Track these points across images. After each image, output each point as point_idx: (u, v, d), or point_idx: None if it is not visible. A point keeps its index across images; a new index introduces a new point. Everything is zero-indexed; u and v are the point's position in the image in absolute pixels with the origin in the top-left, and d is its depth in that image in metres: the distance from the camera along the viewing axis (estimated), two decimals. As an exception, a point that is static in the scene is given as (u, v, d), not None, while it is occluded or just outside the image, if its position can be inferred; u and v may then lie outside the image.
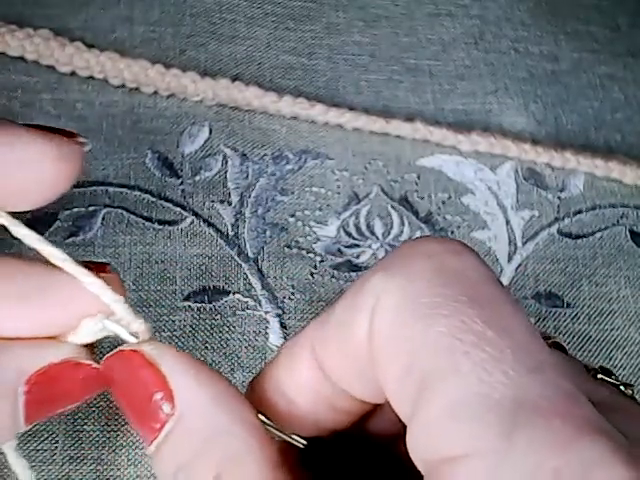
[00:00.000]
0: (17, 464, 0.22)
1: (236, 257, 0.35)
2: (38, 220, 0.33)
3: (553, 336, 0.25)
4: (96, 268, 0.21)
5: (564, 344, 0.25)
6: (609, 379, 0.22)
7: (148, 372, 0.19)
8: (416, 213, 0.38)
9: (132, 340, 0.21)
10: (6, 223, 0.21)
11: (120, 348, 0.20)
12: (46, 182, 0.20)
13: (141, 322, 0.21)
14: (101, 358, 0.21)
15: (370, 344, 0.18)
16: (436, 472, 0.16)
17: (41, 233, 0.33)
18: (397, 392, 0.18)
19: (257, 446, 0.19)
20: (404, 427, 0.19)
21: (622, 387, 0.22)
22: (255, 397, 0.21)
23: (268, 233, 0.36)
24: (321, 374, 0.20)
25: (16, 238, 0.21)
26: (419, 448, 0.17)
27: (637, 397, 0.22)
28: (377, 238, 0.37)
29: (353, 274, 0.35)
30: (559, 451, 0.15)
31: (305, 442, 0.21)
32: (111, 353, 0.20)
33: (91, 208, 0.34)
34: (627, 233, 0.40)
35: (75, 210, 0.34)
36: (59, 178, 0.20)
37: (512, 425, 0.15)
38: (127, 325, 0.21)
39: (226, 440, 0.19)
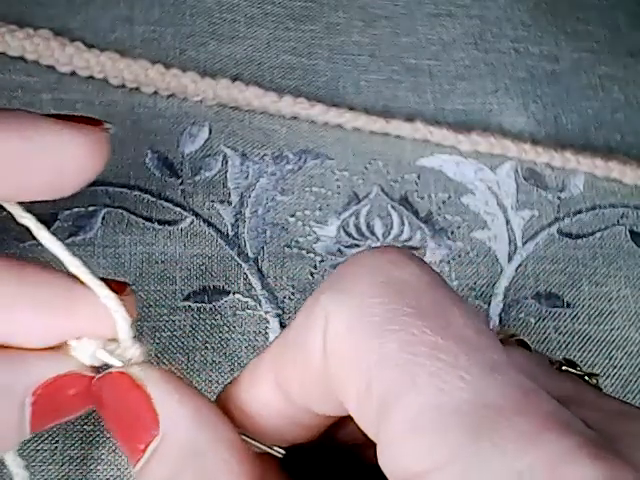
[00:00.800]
0: (14, 464, 0.22)
1: (236, 257, 0.35)
2: (38, 220, 0.33)
3: (516, 333, 0.25)
4: (116, 286, 0.21)
5: (528, 341, 0.25)
6: (574, 370, 0.22)
7: (135, 394, 0.20)
8: (416, 213, 0.38)
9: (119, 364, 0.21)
10: (31, 226, 0.21)
11: (109, 370, 0.21)
12: (71, 170, 0.20)
13: (138, 347, 0.21)
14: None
15: (326, 364, 0.18)
16: None
17: (41, 233, 0.33)
18: (359, 412, 0.17)
19: (236, 463, 0.19)
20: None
21: (587, 377, 0.22)
22: (223, 410, 0.21)
23: (268, 233, 0.36)
24: (282, 394, 0.20)
25: (18, 239, 0.21)
26: (388, 466, 0.16)
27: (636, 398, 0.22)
28: (377, 238, 0.37)
29: (353, 274, 0.35)
30: (525, 450, 0.14)
31: (284, 452, 0.21)
32: (100, 375, 0.21)
33: (91, 208, 0.34)
34: (627, 233, 0.40)
35: (75, 210, 0.34)
36: (86, 165, 0.20)
37: (475, 430, 0.15)
38: (124, 350, 0.21)
39: (205, 459, 0.19)
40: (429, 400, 0.15)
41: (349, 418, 0.19)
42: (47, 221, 0.33)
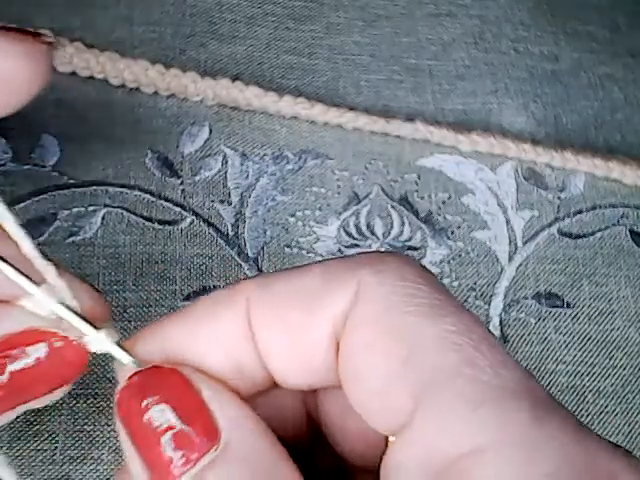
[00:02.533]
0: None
1: (236, 257, 0.35)
2: (38, 220, 0.33)
3: None
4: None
5: None
6: None
7: (189, 395, 0.17)
8: (416, 213, 0.38)
9: (90, 330, 0.19)
10: None
11: (156, 364, 0.18)
12: (13, 83, 0.19)
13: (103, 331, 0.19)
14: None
15: (346, 330, 0.17)
16: (461, 466, 0.15)
17: (41, 233, 0.33)
18: (388, 387, 0.17)
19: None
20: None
21: None
22: (144, 346, 0.19)
23: (268, 233, 0.36)
24: (245, 339, 0.18)
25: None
26: (427, 446, 0.16)
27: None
28: (377, 238, 0.37)
29: (353, 274, 0.35)
30: (578, 440, 0.15)
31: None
32: (145, 366, 0.18)
33: (91, 208, 0.34)
34: (627, 233, 0.40)
35: (75, 210, 0.34)
36: (28, 76, 0.19)
37: (538, 413, 0.15)
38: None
39: (270, 476, 0.17)
40: (491, 381, 0.16)
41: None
42: (47, 221, 0.34)
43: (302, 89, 0.40)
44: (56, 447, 0.29)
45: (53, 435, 0.29)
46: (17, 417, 0.20)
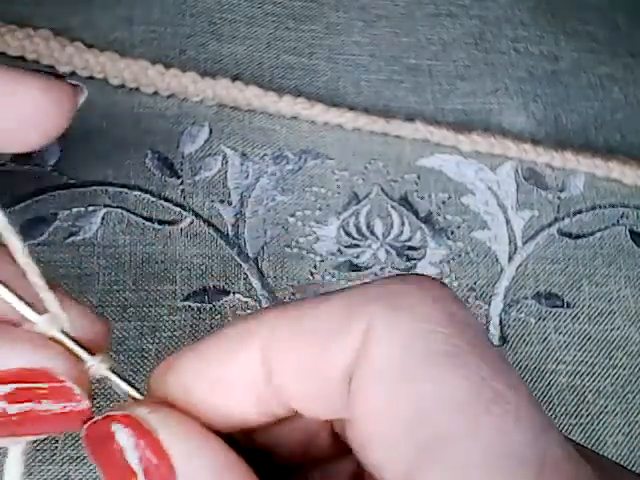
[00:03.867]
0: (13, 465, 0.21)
1: (236, 257, 0.35)
2: (38, 220, 0.33)
3: None
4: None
5: None
6: None
7: (144, 441, 0.17)
8: (416, 213, 0.38)
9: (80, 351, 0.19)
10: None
11: (109, 413, 0.18)
12: (34, 121, 0.19)
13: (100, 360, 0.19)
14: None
15: (354, 378, 0.17)
16: None
17: (41, 233, 0.33)
18: (389, 443, 0.16)
19: None
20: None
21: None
22: (163, 383, 0.19)
23: (268, 233, 0.36)
24: (262, 373, 0.18)
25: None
26: None
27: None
28: (377, 238, 0.37)
29: (353, 274, 0.35)
30: None
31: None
32: (97, 418, 0.18)
33: (91, 208, 0.34)
34: (627, 233, 0.40)
35: (75, 210, 0.34)
36: (49, 117, 0.19)
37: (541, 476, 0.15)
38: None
39: None
40: (495, 447, 0.15)
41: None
42: (47, 221, 0.34)
43: (302, 89, 0.40)
44: (56, 447, 0.29)
45: (53, 435, 0.29)
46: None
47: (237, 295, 0.34)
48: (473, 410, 0.15)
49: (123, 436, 0.17)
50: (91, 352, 0.19)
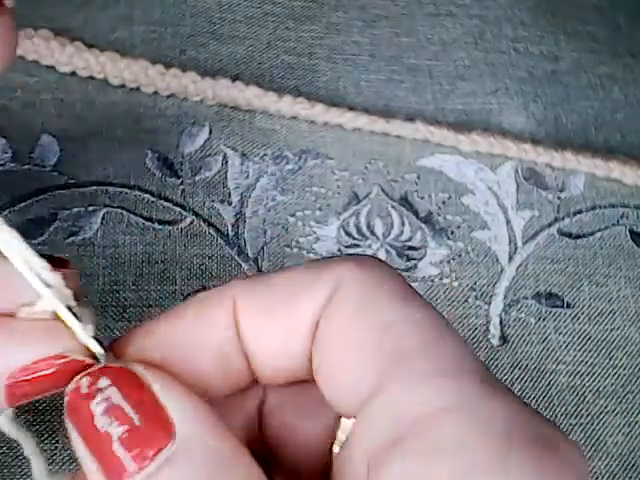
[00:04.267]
0: (16, 434, 0.20)
1: (236, 257, 0.35)
2: (38, 220, 0.33)
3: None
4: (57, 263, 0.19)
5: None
6: None
7: (140, 393, 0.17)
8: (416, 213, 0.38)
9: (78, 327, 0.19)
10: None
11: (106, 364, 0.18)
12: None
13: (90, 327, 0.19)
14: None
15: (320, 321, 0.19)
16: (418, 427, 0.16)
17: (41, 233, 0.33)
18: (356, 366, 0.18)
19: (259, 475, 0.18)
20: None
21: None
22: (131, 348, 0.19)
23: (268, 233, 0.36)
24: (230, 335, 0.19)
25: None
26: (390, 409, 0.17)
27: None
28: (377, 238, 0.37)
29: (353, 274, 0.35)
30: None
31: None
32: (90, 369, 0.18)
33: (91, 208, 0.34)
34: (627, 233, 0.40)
35: (75, 210, 0.34)
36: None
37: (486, 385, 0.17)
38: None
39: (231, 472, 0.17)
40: (448, 358, 0.18)
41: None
42: (47, 221, 0.34)
43: (302, 89, 0.40)
44: (56, 447, 0.29)
45: (53, 435, 0.29)
46: (18, 417, 0.20)
47: (237, 295, 0.34)
48: (429, 333, 0.18)
49: (111, 388, 0.17)
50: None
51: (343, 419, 0.19)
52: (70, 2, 0.39)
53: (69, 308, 0.19)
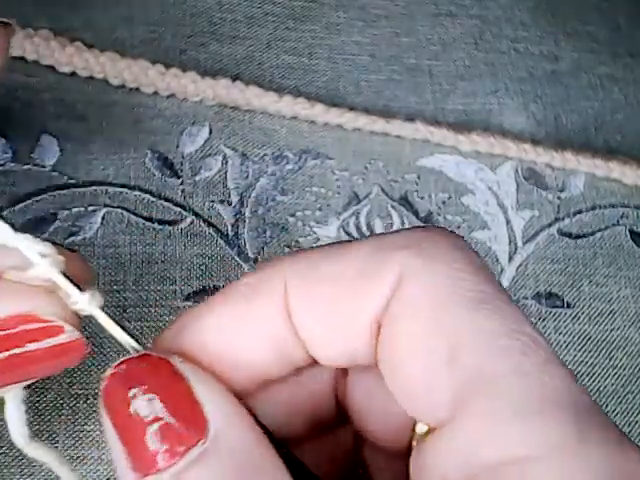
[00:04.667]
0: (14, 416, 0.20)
1: (236, 257, 0.35)
2: (38, 220, 0.33)
3: None
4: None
5: None
6: None
7: (176, 385, 0.17)
8: (416, 213, 0.38)
9: (76, 293, 0.19)
10: None
11: (146, 352, 0.18)
12: None
13: (89, 295, 0.19)
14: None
15: (387, 317, 0.17)
16: (494, 475, 0.15)
17: (41, 233, 0.33)
18: (428, 384, 0.16)
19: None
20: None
21: None
22: (179, 339, 0.19)
23: (268, 233, 0.36)
24: (282, 320, 0.18)
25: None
26: (464, 449, 0.16)
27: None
28: (377, 238, 0.37)
29: (353, 274, 0.35)
30: (623, 452, 0.15)
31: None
32: (134, 355, 0.18)
33: (91, 208, 0.34)
34: (627, 233, 0.40)
35: (75, 210, 0.34)
36: None
37: (581, 425, 0.15)
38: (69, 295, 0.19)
39: (264, 475, 0.17)
40: (535, 389, 0.15)
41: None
42: (47, 221, 0.34)
43: (302, 89, 0.40)
44: (56, 447, 0.29)
45: (53, 435, 0.29)
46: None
47: (237, 295, 0.34)
48: (513, 354, 0.16)
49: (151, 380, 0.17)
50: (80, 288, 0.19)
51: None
52: (70, 2, 0.39)
53: (65, 275, 0.19)
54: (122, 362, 0.18)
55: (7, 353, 0.18)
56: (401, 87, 0.42)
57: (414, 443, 0.18)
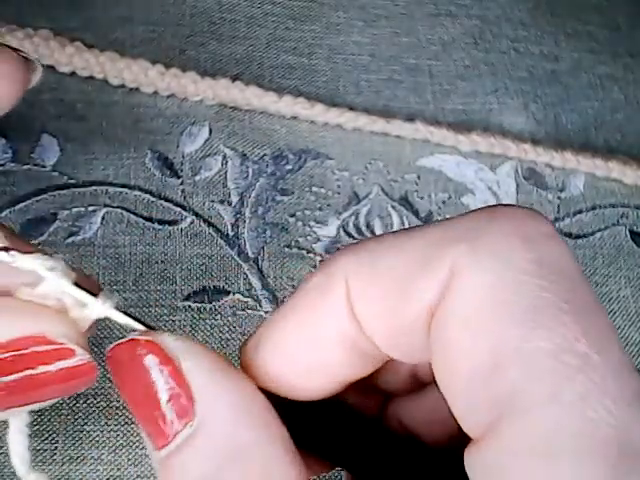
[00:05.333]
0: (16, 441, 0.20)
1: (236, 257, 0.35)
2: (38, 220, 0.33)
3: None
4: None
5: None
6: None
7: (165, 369, 0.17)
8: (416, 213, 0.38)
9: (92, 301, 0.18)
10: None
11: (132, 336, 0.18)
12: None
13: (103, 303, 0.18)
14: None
15: (436, 318, 0.16)
16: None
17: (41, 233, 0.33)
18: (468, 394, 0.16)
19: (288, 465, 0.17)
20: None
21: None
22: (259, 352, 0.19)
23: (268, 233, 0.36)
24: (350, 319, 0.18)
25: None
26: (489, 471, 0.15)
27: None
28: (377, 238, 0.37)
29: (353, 274, 0.35)
30: None
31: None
32: (121, 340, 0.18)
33: (91, 208, 0.34)
34: (627, 233, 0.40)
35: (75, 210, 0.34)
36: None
37: (617, 468, 0.14)
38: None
39: (251, 459, 0.16)
40: (573, 423, 0.14)
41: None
42: (47, 221, 0.34)
43: (302, 89, 0.40)
44: (56, 447, 0.29)
45: (53, 435, 0.29)
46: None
47: (237, 295, 0.34)
48: (554, 378, 0.14)
49: (151, 361, 0.17)
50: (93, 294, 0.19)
51: None
52: (70, 2, 0.39)
53: (77, 284, 0.19)
54: (113, 347, 0.18)
55: (18, 375, 0.17)
56: (401, 87, 0.42)
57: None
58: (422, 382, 0.21)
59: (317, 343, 0.18)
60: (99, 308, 0.19)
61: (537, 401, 0.14)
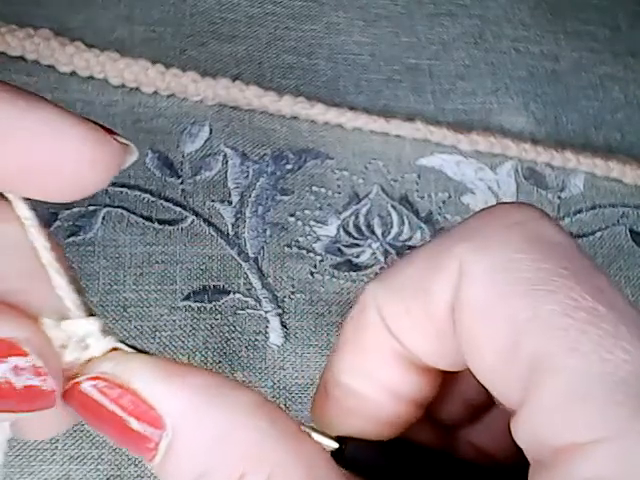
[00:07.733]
0: None
1: (236, 257, 0.35)
2: (38, 220, 0.33)
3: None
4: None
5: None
6: None
7: (117, 396, 0.17)
8: (416, 212, 0.38)
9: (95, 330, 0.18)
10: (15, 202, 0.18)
11: (74, 381, 0.17)
12: (71, 175, 0.17)
13: (93, 322, 0.18)
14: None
15: (455, 315, 0.17)
16: (560, 459, 0.15)
17: (41, 233, 0.33)
18: (498, 372, 0.17)
19: (275, 437, 0.17)
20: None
21: None
22: (329, 397, 0.20)
23: (268, 233, 0.36)
24: (393, 339, 0.19)
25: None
26: (533, 434, 0.16)
27: None
28: (377, 237, 0.37)
29: (353, 273, 0.35)
30: None
31: (336, 445, 0.19)
32: (66, 387, 0.17)
33: (91, 208, 0.34)
34: (627, 233, 0.40)
35: (75, 210, 0.34)
36: (88, 174, 0.17)
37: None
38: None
39: (235, 443, 0.17)
40: (594, 368, 0.15)
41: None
42: (47, 221, 0.34)
43: (302, 89, 0.40)
44: (56, 447, 0.29)
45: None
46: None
47: (237, 295, 0.34)
48: (569, 334, 0.15)
49: (101, 397, 0.17)
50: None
51: None
52: (70, 2, 0.39)
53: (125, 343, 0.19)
54: (62, 394, 0.17)
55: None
56: (401, 87, 0.42)
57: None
58: (479, 406, 0.22)
59: (377, 363, 0.19)
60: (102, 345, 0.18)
61: (560, 358, 0.15)
